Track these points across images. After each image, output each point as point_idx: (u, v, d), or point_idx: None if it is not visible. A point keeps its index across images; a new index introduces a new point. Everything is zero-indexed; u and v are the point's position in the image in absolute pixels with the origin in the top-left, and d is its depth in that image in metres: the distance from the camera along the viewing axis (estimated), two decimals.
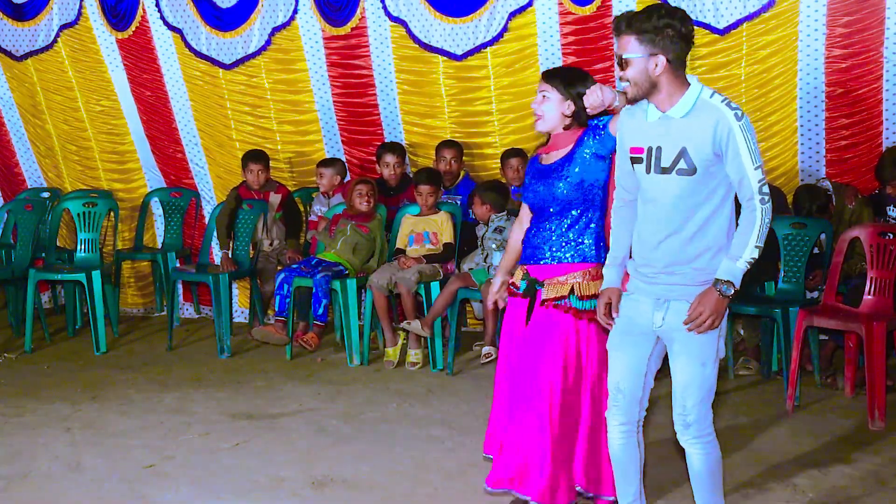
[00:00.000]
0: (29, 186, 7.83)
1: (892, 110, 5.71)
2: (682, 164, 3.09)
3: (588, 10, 6.08)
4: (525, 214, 3.80)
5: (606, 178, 3.58)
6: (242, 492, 4.09)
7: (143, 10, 7.02)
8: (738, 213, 3.17)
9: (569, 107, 3.59)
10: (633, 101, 3.19)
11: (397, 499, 3.98)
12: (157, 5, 6.98)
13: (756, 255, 3.05)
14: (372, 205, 6.34)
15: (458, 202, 6.48)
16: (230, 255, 6.63)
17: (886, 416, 4.74)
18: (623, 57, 3.11)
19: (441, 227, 6.21)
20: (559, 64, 6.26)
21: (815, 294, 5.61)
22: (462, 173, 6.58)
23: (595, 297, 3.51)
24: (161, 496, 4.07)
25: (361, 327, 6.25)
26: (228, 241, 6.71)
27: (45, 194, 7.58)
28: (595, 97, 3.43)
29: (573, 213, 3.59)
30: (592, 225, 3.61)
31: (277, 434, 4.83)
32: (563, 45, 6.23)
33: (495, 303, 3.90)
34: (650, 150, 3.16)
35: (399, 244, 6.29)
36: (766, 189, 3.05)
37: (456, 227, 6.25)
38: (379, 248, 6.40)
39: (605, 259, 3.49)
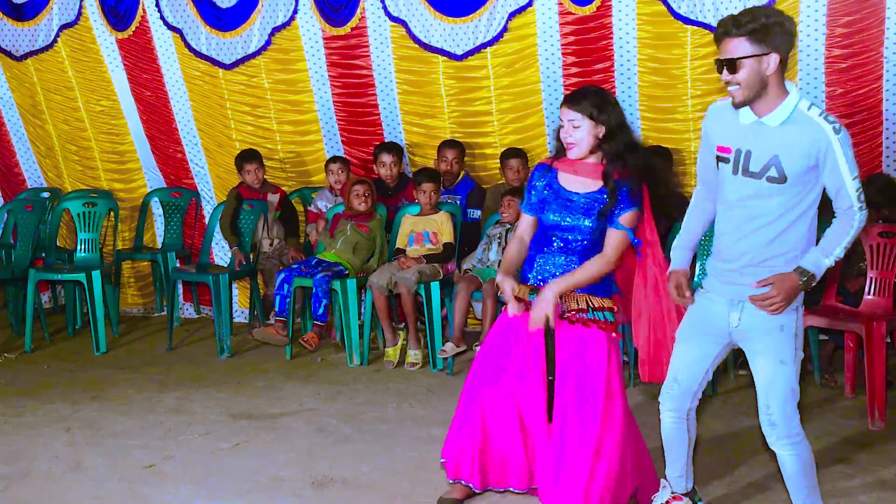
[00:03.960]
0: (29, 186, 7.83)
1: (892, 110, 5.71)
2: (772, 172, 3.12)
3: (588, 10, 6.08)
4: (526, 229, 3.77)
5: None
6: (242, 492, 4.09)
7: (143, 10, 7.02)
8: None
9: (600, 131, 3.57)
10: (740, 106, 3.15)
11: (397, 499, 3.98)
12: (157, 5, 6.98)
13: (841, 256, 3.15)
14: (370, 205, 6.34)
15: (458, 202, 6.48)
16: (239, 250, 6.69)
17: (886, 416, 4.74)
18: (734, 59, 3.05)
19: (441, 227, 6.21)
20: (559, 64, 6.26)
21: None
22: (462, 173, 6.59)
23: (609, 309, 3.58)
24: (161, 496, 4.07)
25: (361, 327, 6.25)
26: (235, 237, 6.75)
27: (45, 194, 7.58)
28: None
29: (591, 245, 3.60)
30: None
31: (277, 434, 4.83)
32: (562, 45, 6.23)
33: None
34: (739, 151, 3.18)
35: (399, 244, 6.29)
36: (863, 197, 3.14)
37: (456, 227, 6.25)
38: (379, 247, 6.40)
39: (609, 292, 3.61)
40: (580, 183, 3.63)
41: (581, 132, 3.55)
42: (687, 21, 5.86)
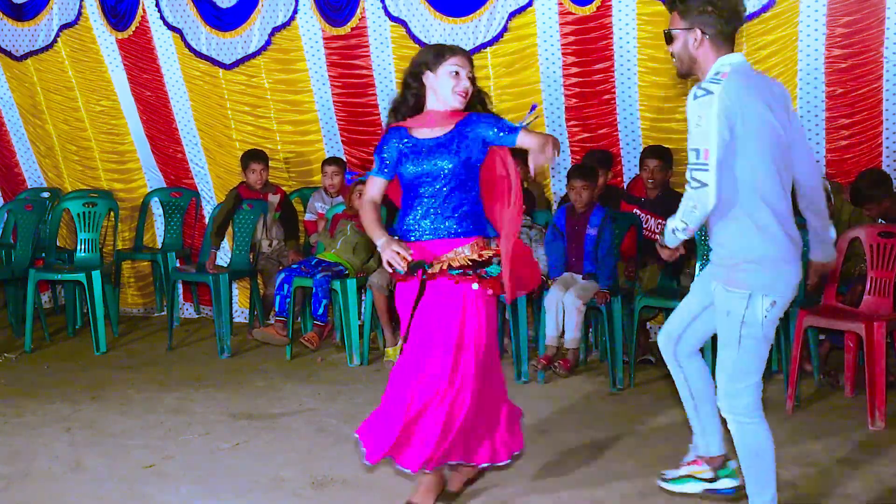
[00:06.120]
0: (29, 186, 7.84)
1: (892, 110, 5.71)
2: None
3: (588, 10, 6.09)
4: (377, 194, 3.77)
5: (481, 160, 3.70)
6: (242, 492, 4.09)
7: (143, 10, 7.03)
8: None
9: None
10: (680, 77, 3.32)
11: (397, 499, 3.98)
12: (157, 5, 6.98)
13: (676, 227, 3.16)
14: None
15: None
16: (215, 254, 6.68)
17: (886, 416, 4.74)
18: (667, 31, 3.24)
19: None
20: (559, 64, 6.26)
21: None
22: None
23: (485, 262, 3.60)
24: (161, 496, 4.07)
25: (361, 327, 6.25)
26: (218, 239, 6.73)
27: (45, 194, 7.59)
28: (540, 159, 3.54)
29: (456, 187, 3.64)
30: (474, 195, 3.69)
31: (277, 434, 4.84)
32: (562, 45, 6.24)
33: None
34: None
35: None
36: (695, 174, 3.07)
37: None
38: None
39: (489, 232, 3.65)
40: (430, 131, 3.70)
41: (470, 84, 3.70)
42: None
